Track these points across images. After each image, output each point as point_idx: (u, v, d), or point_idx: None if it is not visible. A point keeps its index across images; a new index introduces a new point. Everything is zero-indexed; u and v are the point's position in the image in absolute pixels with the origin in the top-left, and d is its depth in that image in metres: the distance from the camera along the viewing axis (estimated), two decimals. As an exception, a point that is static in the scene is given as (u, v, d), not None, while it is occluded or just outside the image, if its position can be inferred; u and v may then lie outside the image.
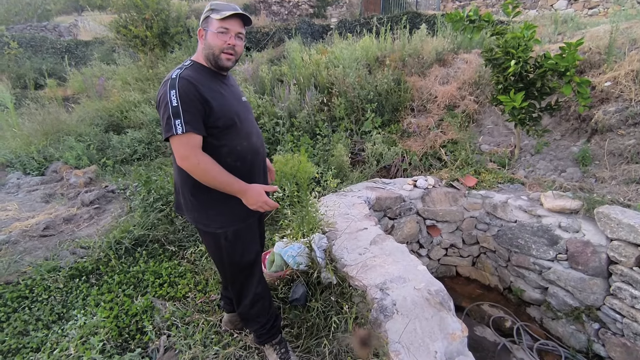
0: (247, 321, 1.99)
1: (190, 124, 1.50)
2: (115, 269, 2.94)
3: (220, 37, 1.61)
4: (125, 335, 2.25)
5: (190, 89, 1.52)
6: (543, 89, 3.71)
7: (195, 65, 1.65)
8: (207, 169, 1.55)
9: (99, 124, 6.30)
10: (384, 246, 2.55)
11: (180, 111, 1.49)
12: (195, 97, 1.53)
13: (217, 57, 1.64)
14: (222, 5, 1.64)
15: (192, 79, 1.55)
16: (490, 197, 3.69)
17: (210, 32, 1.63)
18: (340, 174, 4.02)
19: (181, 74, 1.55)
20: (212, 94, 1.59)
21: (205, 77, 1.62)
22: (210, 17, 1.63)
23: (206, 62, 1.68)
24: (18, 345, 2.23)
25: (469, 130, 4.88)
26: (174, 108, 1.49)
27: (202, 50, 1.67)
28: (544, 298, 3.39)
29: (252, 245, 1.83)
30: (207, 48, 1.64)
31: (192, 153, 1.53)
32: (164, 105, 1.51)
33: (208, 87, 1.59)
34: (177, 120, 1.48)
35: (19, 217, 3.92)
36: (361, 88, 5.18)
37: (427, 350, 1.93)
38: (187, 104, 1.50)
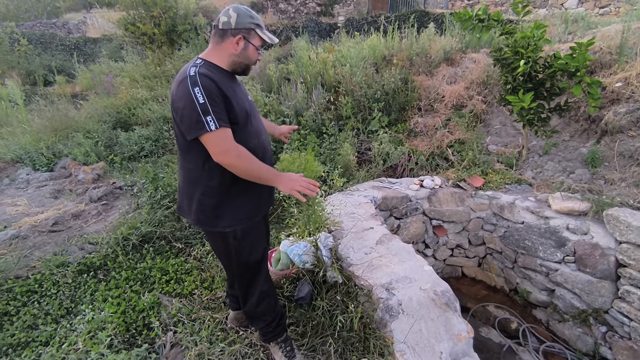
0: (253, 319, 2.00)
1: (222, 118, 1.51)
2: (122, 265, 2.97)
3: (256, 53, 1.69)
4: (132, 331, 2.27)
5: (212, 85, 1.52)
6: (552, 89, 3.68)
7: (208, 64, 1.62)
8: (248, 159, 1.57)
9: (107, 120, 6.35)
10: (390, 246, 2.54)
11: (209, 107, 1.48)
12: (219, 92, 1.53)
13: (248, 67, 1.73)
14: (261, 22, 1.70)
15: (211, 76, 1.54)
16: (497, 198, 3.67)
17: (252, 47, 1.66)
18: (346, 173, 4.02)
19: (199, 71, 1.53)
20: (229, 91, 1.59)
21: (220, 76, 1.62)
22: (256, 32, 1.65)
23: (228, 66, 1.67)
24: (27, 338, 2.27)
25: (477, 130, 4.85)
26: (202, 105, 1.47)
27: (229, 56, 1.65)
28: (551, 300, 3.36)
29: (260, 243, 1.85)
30: (243, 57, 1.67)
31: (232, 146, 1.54)
32: (189, 103, 1.49)
33: (224, 84, 1.59)
34: (209, 117, 1.48)
35: (29, 212, 3.96)
36: (368, 87, 5.17)
37: (433, 351, 1.93)
38: (213, 99, 1.50)
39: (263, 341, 2.07)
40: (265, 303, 1.92)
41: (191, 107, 1.48)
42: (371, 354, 2.02)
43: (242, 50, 1.65)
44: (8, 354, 2.18)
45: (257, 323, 1.99)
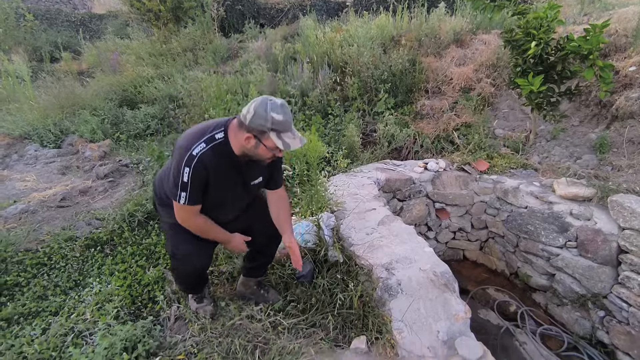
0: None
1: (193, 199, 1.73)
2: (128, 240, 3.03)
3: (270, 153, 1.71)
4: (137, 304, 2.34)
5: (202, 173, 1.68)
6: (564, 72, 3.60)
7: (224, 148, 1.71)
8: (200, 229, 1.90)
9: (113, 98, 6.35)
10: (392, 227, 2.57)
11: (188, 187, 1.68)
12: (203, 180, 1.71)
13: (261, 162, 1.79)
14: (283, 125, 1.62)
15: (208, 163, 1.68)
16: (501, 182, 3.66)
17: (262, 147, 1.67)
18: (350, 155, 4.02)
19: (201, 154, 1.65)
20: (217, 181, 1.76)
21: (223, 163, 1.74)
22: (269, 136, 1.63)
23: (239, 152, 1.73)
24: (38, 308, 2.34)
25: (484, 114, 4.79)
26: (183, 183, 1.67)
27: (241, 146, 1.70)
28: (551, 284, 3.39)
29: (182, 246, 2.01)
30: (253, 153, 1.71)
31: (190, 219, 1.85)
32: (176, 174, 1.68)
33: (217, 173, 1.74)
34: (183, 193, 1.70)
35: (37, 187, 4.03)
36: (375, 68, 5.10)
37: (430, 330, 1.97)
38: (194, 184, 1.69)
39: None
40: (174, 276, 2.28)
41: (175, 177, 1.69)
42: (369, 331, 2.06)
43: (252, 148, 1.68)
44: (20, 322, 2.26)
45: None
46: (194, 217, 1.85)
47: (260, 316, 2.18)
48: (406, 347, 1.92)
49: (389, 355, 1.93)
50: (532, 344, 3.02)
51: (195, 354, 1.96)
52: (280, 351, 1.94)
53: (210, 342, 2.03)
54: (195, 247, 1.98)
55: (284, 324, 2.12)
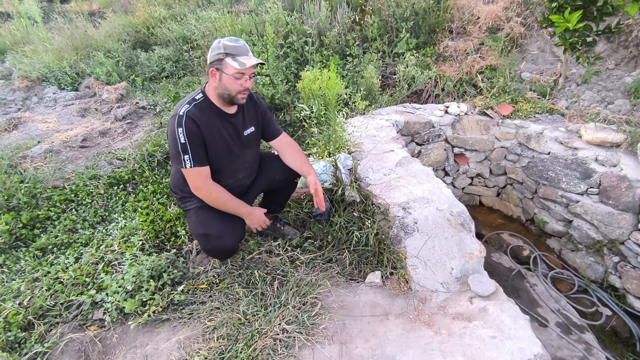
0: None
1: (197, 159, 1.76)
2: (149, 179, 3.11)
3: (236, 82, 1.73)
4: (161, 237, 2.44)
5: (195, 129, 1.74)
6: (604, 8, 3.30)
7: (205, 102, 1.82)
8: (218, 197, 1.87)
9: (126, 40, 6.23)
10: (410, 168, 2.54)
11: (188, 147, 1.73)
12: (199, 134, 1.76)
13: (234, 98, 1.79)
14: (237, 49, 1.71)
15: (197, 119, 1.75)
16: (525, 127, 3.53)
17: (225, 76, 1.72)
18: (369, 97, 3.90)
19: (188, 112, 1.74)
20: (211, 135, 1.81)
21: (210, 116, 1.82)
22: (226, 62, 1.69)
23: (217, 99, 1.83)
24: (69, 240, 2.48)
25: (511, 56, 4.52)
26: (182, 145, 1.72)
27: (214, 89, 1.80)
28: (567, 230, 3.38)
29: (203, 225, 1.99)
30: (222, 89, 1.76)
31: (204, 184, 1.83)
32: (173, 140, 1.74)
33: (209, 127, 1.80)
34: (186, 156, 1.74)
35: (59, 129, 4.10)
36: (397, 6, 4.78)
37: (444, 267, 2.01)
38: (192, 141, 1.74)
39: None
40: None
41: (174, 145, 1.75)
42: (384, 267, 2.13)
43: (220, 82, 1.76)
44: (53, 252, 2.41)
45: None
46: (208, 183, 1.84)
47: (279, 251, 2.26)
48: (420, 282, 1.98)
49: (403, 289, 2.00)
50: (542, 286, 3.08)
51: (217, 283, 2.08)
52: (297, 282, 2.03)
53: (231, 273, 2.13)
54: (227, 224, 1.96)
55: (301, 258, 2.20)
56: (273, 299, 1.93)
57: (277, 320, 1.78)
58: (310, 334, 1.73)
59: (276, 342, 1.68)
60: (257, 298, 1.94)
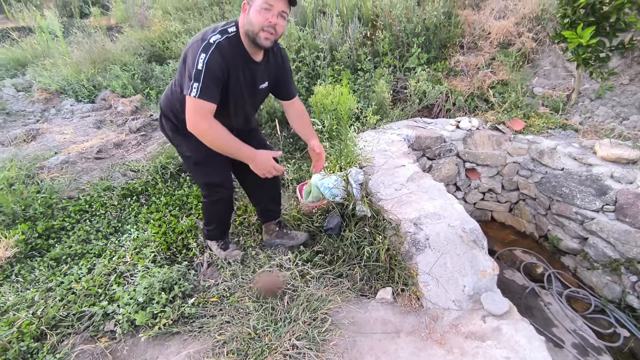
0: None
1: (206, 92, 1.58)
2: (162, 191, 3.15)
3: (262, 14, 1.59)
4: (173, 250, 2.46)
5: (219, 61, 1.60)
6: (617, 24, 3.29)
7: (236, 39, 1.68)
8: (217, 135, 1.66)
9: (142, 54, 6.37)
10: (421, 183, 2.53)
11: (202, 77, 1.56)
12: (220, 69, 1.61)
13: (256, 35, 1.63)
14: None
15: (225, 53, 1.62)
16: (537, 143, 3.50)
17: (253, 8, 1.60)
18: (380, 111, 3.92)
19: (218, 42, 1.61)
20: (235, 73, 1.70)
21: (236, 56, 1.69)
22: None
23: (245, 37, 1.68)
24: (83, 250, 2.52)
25: (523, 71, 4.51)
26: (197, 71, 1.56)
27: (242, 25, 1.67)
28: (582, 248, 3.31)
29: (214, 173, 2.04)
30: (248, 24, 1.63)
31: (204, 119, 1.63)
32: (190, 63, 1.59)
33: (234, 67, 1.68)
34: (196, 84, 1.56)
35: (75, 140, 4.19)
36: (408, 21, 4.83)
37: (456, 284, 1.98)
38: (210, 73, 1.57)
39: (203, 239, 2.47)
40: (204, 207, 2.25)
41: (190, 67, 1.59)
42: (395, 283, 2.11)
43: (247, 16, 1.63)
44: (67, 262, 2.44)
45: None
46: (209, 119, 1.63)
47: (289, 265, 2.26)
48: (431, 299, 1.95)
49: (414, 306, 1.98)
50: (557, 305, 3.01)
51: (227, 297, 2.08)
52: (308, 298, 2.01)
53: (241, 286, 2.13)
54: (224, 170, 2.06)
55: (311, 273, 2.19)
56: (283, 314, 1.92)
57: (287, 335, 1.77)
58: (320, 350, 1.71)
59: (286, 358, 1.66)
60: (268, 312, 1.93)
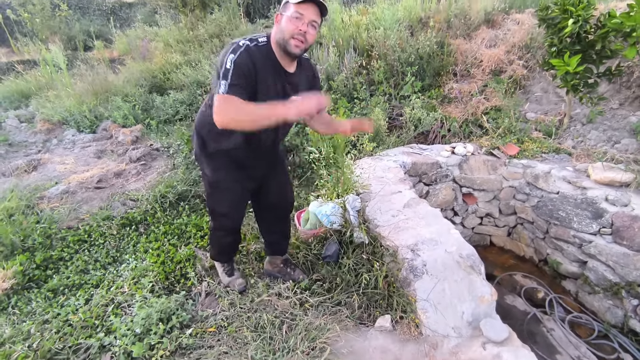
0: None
1: (234, 88, 1.58)
2: (161, 220, 3.17)
3: (293, 22, 1.64)
4: (171, 279, 2.46)
5: (248, 62, 1.63)
6: (603, 51, 3.42)
7: (267, 48, 1.72)
8: (246, 114, 1.57)
9: (143, 85, 6.54)
10: (418, 209, 2.56)
11: (229, 75, 1.59)
12: (248, 68, 1.63)
13: (287, 42, 1.67)
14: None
15: (253, 56, 1.64)
16: (532, 167, 3.55)
17: (285, 17, 1.66)
18: (376, 138, 4.00)
19: (248, 46, 1.64)
20: (264, 78, 1.70)
21: (267, 64, 1.71)
22: (289, 2, 1.66)
23: (277, 47, 1.73)
24: (81, 281, 2.51)
25: (515, 97, 4.64)
26: (225, 70, 1.59)
27: (274, 35, 1.72)
28: (582, 272, 3.30)
29: (226, 202, 2.09)
30: (279, 32, 1.69)
31: (229, 106, 1.57)
32: (219, 64, 1.64)
33: (264, 70, 1.69)
34: (224, 82, 1.58)
35: (76, 170, 4.25)
36: (402, 51, 5.00)
37: (455, 310, 1.98)
38: (237, 71, 1.60)
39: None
40: (210, 230, 2.32)
41: (219, 68, 1.63)
42: (394, 310, 2.10)
43: (279, 25, 1.69)
44: (64, 293, 2.43)
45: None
46: (234, 108, 1.57)
47: (288, 293, 2.25)
48: (430, 327, 1.94)
49: (413, 334, 1.96)
50: (560, 331, 2.97)
51: (225, 327, 2.06)
52: (306, 327, 2.00)
53: (239, 316, 2.12)
54: (231, 205, 2.10)
55: (310, 301, 2.18)
56: (282, 344, 1.90)
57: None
58: (319, 381, 1.68)
59: (284, 391, 1.64)
60: (266, 342, 1.91)
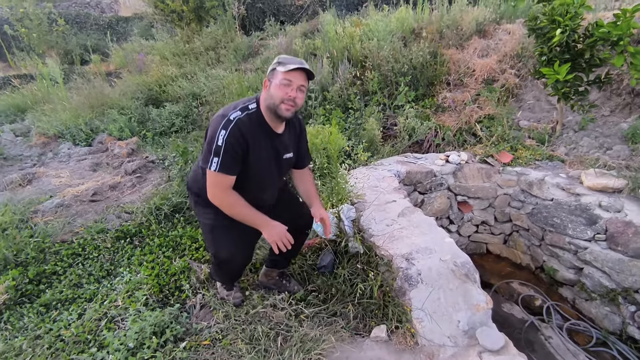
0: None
1: (225, 166, 1.70)
2: (155, 232, 3.16)
3: (282, 89, 1.72)
4: (165, 292, 2.44)
5: (239, 137, 1.70)
6: (592, 60, 3.48)
7: (257, 114, 1.80)
8: (233, 204, 1.80)
9: (139, 97, 6.57)
10: (412, 218, 2.57)
11: (221, 152, 1.68)
12: (240, 144, 1.72)
13: (277, 107, 1.74)
14: (289, 59, 1.76)
15: (244, 128, 1.72)
16: (526, 174, 3.58)
17: (274, 83, 1.75)
18: (371, 148, 4.02)
19: (238, 119, 1.72)
20: (256, 147, 1.79)
21: (258, 130, 1.80)
22: (277, 70, 1.74)
23: (267, 111, 1.81)
24: (74, 295, 2.49)
25: (508, 106, 4.69)
26: (217, 147, 1.68)
27: (264, 100, 1.80)
28: (578, 278, 3.29)
29: (226, 246, 2.02)
30: (269, 98, 1.76)
31: (222, 192, 1.77)
32: (211, 139, 1.71)
33: (255, 139, 1.78)
34: (216, 159, 1.69)
35: (71, 183, 4.23)
36: (395, 61, 5.06)
37: (450, 319, 1.97)
38: (229, 148, 1.69)
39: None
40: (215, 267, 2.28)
41: (209, 143, 1.71)
42: (389, 320, 2.09)
43: (268, 92, 1.77)
44: (57, 307, 2.40)
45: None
46: (226, 192, 1.77)
47: (283, 305, 2.23)
48: (426, 336, 1.93)
49: (409, 344, 1.95)
50: (558, 339, 2.95)
51: (220, 339, 2.04)
52: (302, 338, 1.98)
53: (234, 328, 2.10)
54: (237, 246, 2.00)
55: (305, 312, 2.17)
56: (276, 356, 1.88)
57: (280, 379, 1.73)
58: (314, 394, 1.66)
59: (279, 404, 1.62)
60: (260, 355, 1.89)
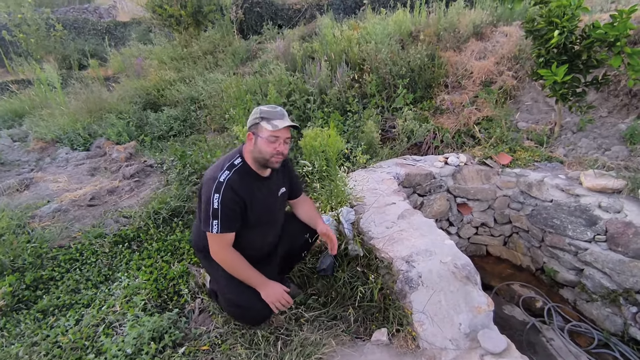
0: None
1: (225, 225, 1.77)
2: (154, 237, 3.13)
3: (270, 145, 1.78)
4: (164, 297, 2.42)
5: (233, 197, 1.76)
6: (589, 61, 3.49)
7: (244, 167, 1.85)
8: (233, 264, 1.87)
9: (137, 102, 6.56)
10: (412, 220, 2.55)
11: (219, 214, 1.74)
12: (236, 203, 1.78)
13: (267, 161, 1.82)
14: (272, 114, 1.80)
15: (236, 187, 1.77)
16: (525, 176, 3.57)
17: (260, 139, 1.79)
18: (370, 150, 4.01)
19: (228, 179, 1.77)
20: (252, 198, 1.84)
21: (248, 181, 1.86)
22: (260, 125, 1.78)
23: (253, 162, 1.86)
24: (71, 300, 2.46)
25: (506, 107, 4.69)
26: (214, 210, 1.73)
27: (250, 152, 1.85)
28: (579, 280, 3.28)
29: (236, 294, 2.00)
30: (257, 152, 1.81)
31: (223, 250, 1.84)
32: (206, 203, 1.76)
33: (249, 193, 1.84)
34: (215, 221, 1.75)
35: (69, 188, 4.21)
36: (393, 64, 5.07)
37: (451, 322, 1.95)
38: (226, 209, 1.75)
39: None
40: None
41: (206, 207, 1.76)
42: (390, 323, 2.07)
43: (254, 146, 1.81)
44: (54, 314, 2.38)
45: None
46: (227, 250, 1.85)
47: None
48: (427, 339, 1.91)
49: (410, 347, 1.93)
50: (559, 341, 2.93)
51: (219, 344, 2.02)
52: (302, 342, 1.96)
53: (233, 333, 2.08)
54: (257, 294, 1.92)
55: (305, 316, 2.15)
56: (276, 361, 1.86)
57: (280, 384, 1.71)
58: (315, 399, 1.64)
59: (279, 409, 1.59)
60: (260, 360, 1.88)
